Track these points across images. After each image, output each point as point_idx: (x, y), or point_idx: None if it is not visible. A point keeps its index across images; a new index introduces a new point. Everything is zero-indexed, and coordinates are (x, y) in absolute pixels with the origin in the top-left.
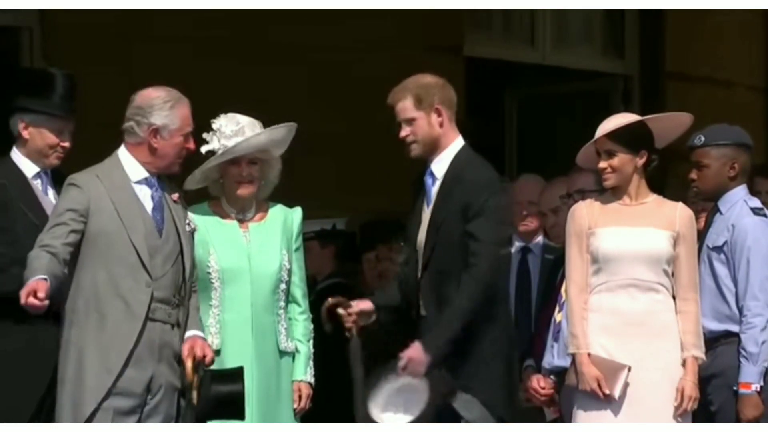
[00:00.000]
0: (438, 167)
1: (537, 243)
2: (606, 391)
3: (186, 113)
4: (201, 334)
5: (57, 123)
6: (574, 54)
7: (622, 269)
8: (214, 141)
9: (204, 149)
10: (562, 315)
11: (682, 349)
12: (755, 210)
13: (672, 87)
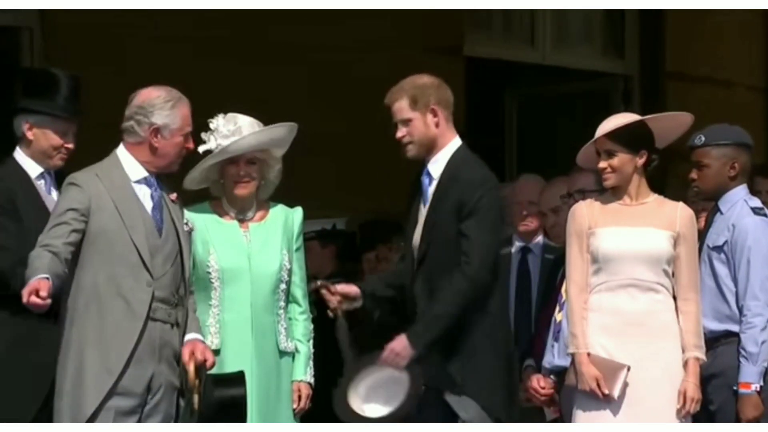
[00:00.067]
0: (435, 167)
1: (537, 243)
2: (605, 391)
3: (186, 113)
4: (201, 337)
5: (61, 124)
6: (574, 54)
7: (622, 269)
8: (211, 141)
9: (201, 149)
10: (562, 315)
11: (683, 350)
12: (755, 210)
13: (672, 87)
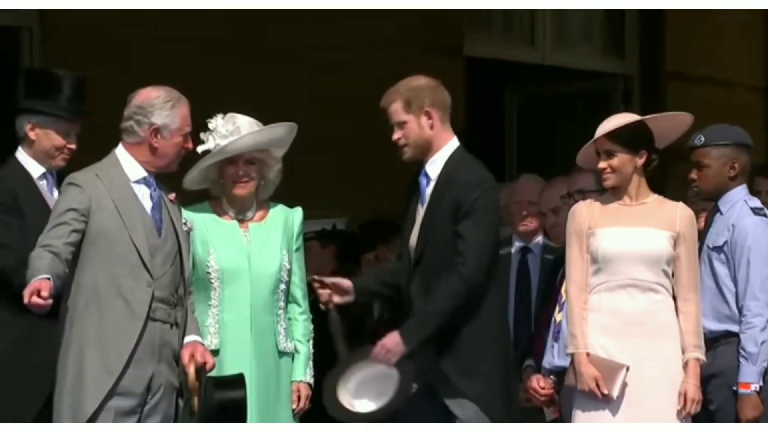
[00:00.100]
0: (432, 168)
1: (537, 243)
2: (604, 391)
3: (186, 113)
4: (200, 339)
5: (64, 125)
6: (574, 54)
7: (621, 269)
8: (209, 141)
9: (200, 149)
10: (562, 315)
11: (683, 351)
12: (755, 210)
13: (672, 87)
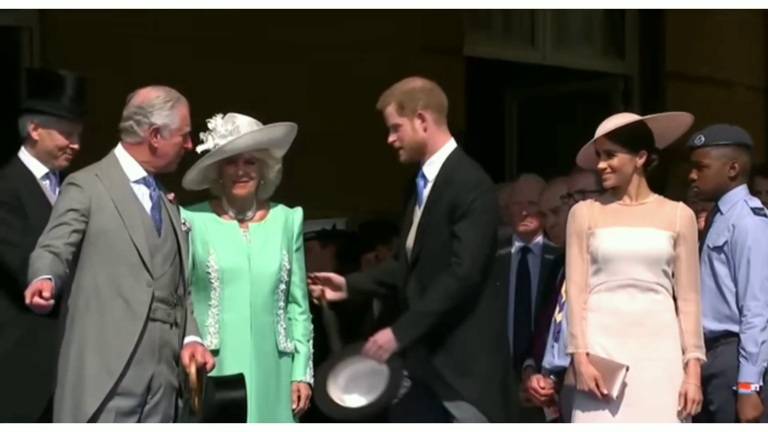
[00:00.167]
0: (429, 170)
1: (537, 243)
2: (604, 391)
3: (185, 113)
4: (200, 339)
5: (66, 125)
6: (574, 54)
7: (621, 269)
8: (209, 140)
9: (200, 149)
10: (562, 315)
11: (683, 351)
12: (756, 210)
13: (672, 87)
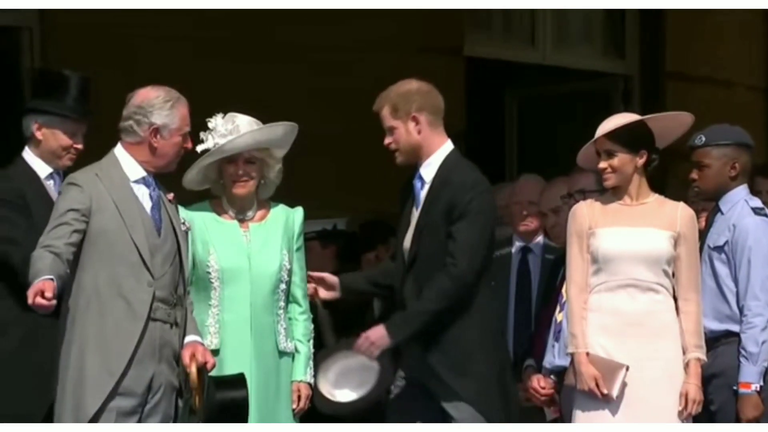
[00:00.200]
0: (426, 171)
1: (537, 243)
2: (604, 391)
3: (185, 113)
4: (200, 339)
5: (70, 125)
6: (574, 54)
7: (621, 269)
8: (209, 140)
9: (200, 148)
10: (563, 315)
11: (684, 351)
12: (756, 210)
13: (672, 87)
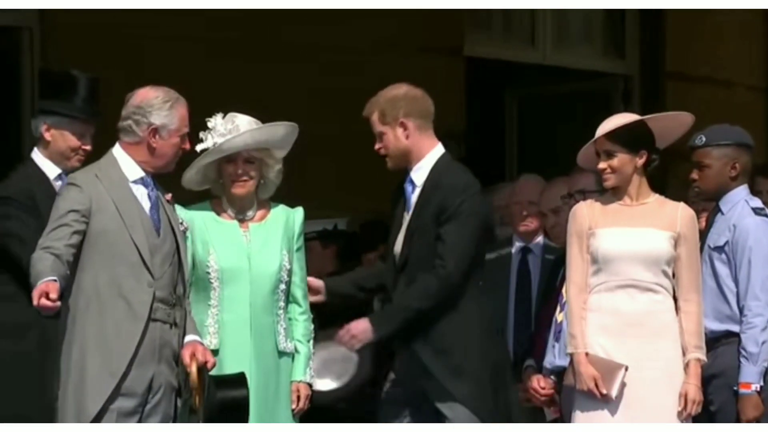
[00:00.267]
0: (417, 175)
1: (537, 243)
2: (603, 391)
3: (184, 114)
4: (200, 339)
5: (79, 126)
6: (574, 54)
7: (621, 270)
8: (208, 139)
9: (199, 147)
10: (563, 315)
11: (684, 351)
12: (756, 210)
13: (672, 87)
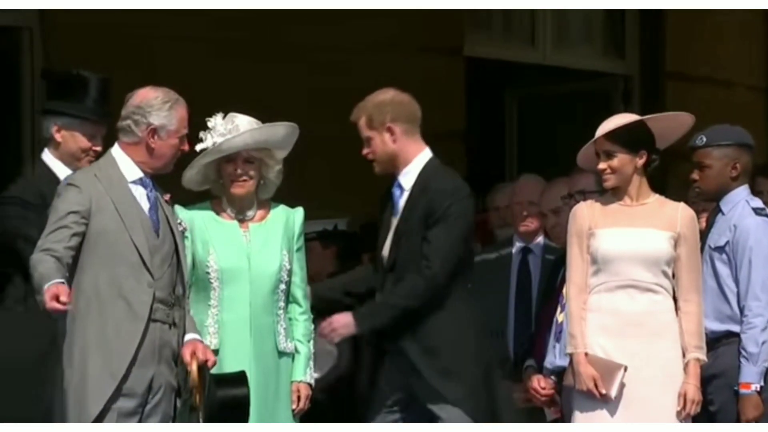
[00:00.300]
0: (406, 179)
1: (537, 243)
2: (602, 391)
3: (183, 114)
4: (200, 337)
5: (89, 127)
6: (574, 54)
7: (621, 270)
8: (208, 139)
9: (198, 147)
10: (564, 315)
11: (683, 351)
12: (757, 210)
13: (672, 87)
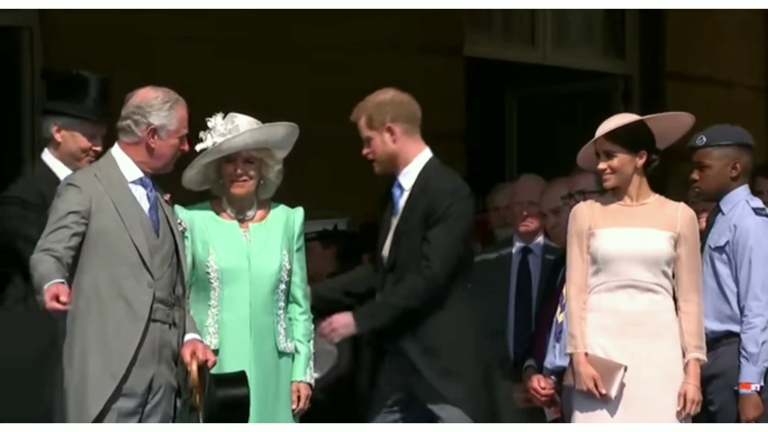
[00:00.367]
0: (406, 179)
1: (538, 243)
2: (602, 391)
3: (183, 115)
4: (200, 337)
5: (89, 127)
6: (574, 54)
7: (620, 270)
8: (208, 139)
9: (198, 147)
10: (564, 315)
11: (683, 351)
12: (757, 210)
13: (672, 87)
